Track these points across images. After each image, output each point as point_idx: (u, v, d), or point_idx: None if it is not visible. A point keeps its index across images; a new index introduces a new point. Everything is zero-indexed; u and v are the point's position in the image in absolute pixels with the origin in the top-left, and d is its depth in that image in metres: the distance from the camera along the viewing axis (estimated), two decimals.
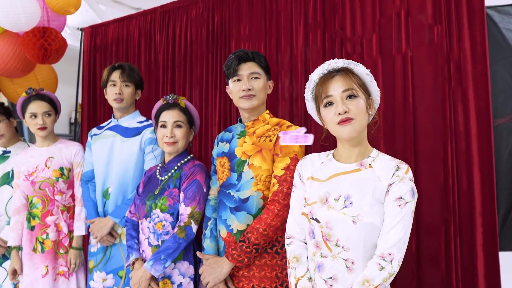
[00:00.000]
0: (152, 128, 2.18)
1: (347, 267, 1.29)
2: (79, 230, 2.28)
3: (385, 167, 1.33)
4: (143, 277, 1.73)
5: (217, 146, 1.91)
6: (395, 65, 2.09)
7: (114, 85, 2.20)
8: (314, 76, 1.42)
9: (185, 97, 2.83)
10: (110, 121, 2.35)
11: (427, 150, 2.01)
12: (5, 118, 2.50)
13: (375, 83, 1.40)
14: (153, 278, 1.74)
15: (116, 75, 2.20)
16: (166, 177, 1.88)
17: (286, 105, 2.43)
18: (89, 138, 2.36)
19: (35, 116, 2.28)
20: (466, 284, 1.88)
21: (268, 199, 1.65)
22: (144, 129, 2.21)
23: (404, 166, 1.32)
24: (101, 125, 2.40)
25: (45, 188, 2.27)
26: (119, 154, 2.19)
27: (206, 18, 2.75)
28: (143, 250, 1.86)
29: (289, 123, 1.73)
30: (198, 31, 2.79)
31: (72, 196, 2.34)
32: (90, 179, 2.29)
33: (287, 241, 1.48)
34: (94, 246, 2.22)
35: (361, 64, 1.38)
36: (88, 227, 2.28)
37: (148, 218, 1.84)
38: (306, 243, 1.44)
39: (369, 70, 1.40)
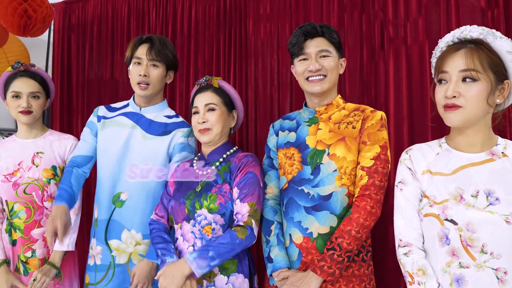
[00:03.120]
0: (186, 129, 1.76)
1: (498, 278, 1.07)
2: (61, 244, 1.78)
3: None
4: (179, 270, 1.35)
5: (276, 136, 1.61)
6: None
7: (139, 63, 1.71)
8: (442, 43, 1.22)
9: (188, 83, 2.49)
10: (127, 104, 1.84)
11: None
12: None
13: None
14: (192, 276, 1.36)
15: (142, 51, 1.70)
16: (209, 171, 1.55)
17: None
18: (93, 118, 1.83)
19: (18, 97, 1.80)
20: None
21: (355, 195, 1.39)
22: (175, 128, 1.75)
23: None
24: (113, 105, 1.88)
25: (31, 192, 1.79)
26: (139, 154, 1.72)
27: None
28: None
29: (371, 108, 1.49)
30: (205, 9, 2.46)
31: None
32: (79, 165, 1.77)
33: (403, 250, 1.22)
34: (91, 258, 1.75)
35: (505, 38, 1.15)
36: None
37: (192, 221, 1.49)
38: (424, 251, 1.21)
39: None
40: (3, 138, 2.02)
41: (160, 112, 1.80)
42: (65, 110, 2.85)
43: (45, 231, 1.80)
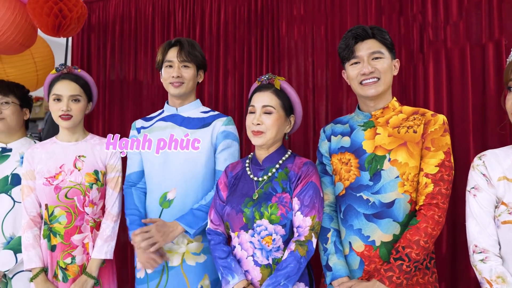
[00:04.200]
0: (225, 119, 1.76)
1: None
2: (99, 251, 1.74)
3: None
4: None
5: (328, 141, 1.58)
6: (486, 54, 1.93)
7: (171, 66, 1.74)
8: None
9: (218, 85, 2.44)
10: (162, 111, 1.86)
11: None
12: (16, 103, 1.90)
13: None
14: None
15: (172, 54, 1.74)
16: (265, 177, 1.51)
17: (354, 96, 2.16)
18: (133, 132, 1.85)
19: (59, 100, 1.75)
20: None
21: (419, 203, 1.37)
22: (213, 120, 1.75)
23: None
24: (149, 116, 1.90)
25: (73, 197, 1.73)
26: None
27: None
28: (246, 271, 1.46)
29: (431, 111, 1.46)
30: (235, 10, 2.41)
31: (103, 208, 1.83)
32: (135, 183, 1.80)
33: (479, 256, 1.21)
34: (140, 270, 1.72)
35: None
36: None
37: (250, 231, 1.45)
38: (501, 258, 1.19)
39: None
40: (35, 142, 1.95)
41: (196, 109, 1.82)
42: (85, 118, 2.77)
43: (85, 237, 1.75)
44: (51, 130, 2.96)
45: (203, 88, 2.46)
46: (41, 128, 5.00)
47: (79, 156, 1.77)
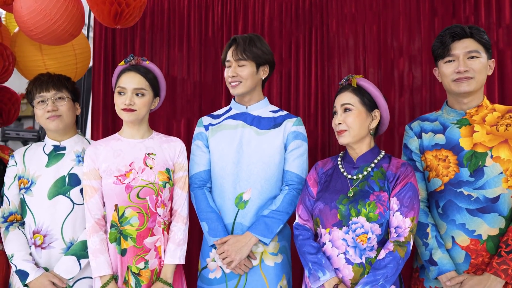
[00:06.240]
0: (295, 119, 1.75)
1: None
2: (173, 256, 1.64)
3: None
4: None
5: (418, 137, 1.60)
6: None
7: (229, 66, 1.72)
8: None
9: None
10: (230, 108, 1.82)
11: None
12: (70, 97, 1.75)
13: None
14: None
15: (229, 53, 1.72)
16: (360, 176, 1.50)
17: (406, 95, 2.19)
18: (200, 129, 1.79)
19: (123, 93, 1.65)
20: None
21: None
22: (283, 120, 1.75)
23: None
24: (215, 113, 1.84)
25: (145, 197, 1.62)
26: (257, 150, 1.69)
27: None
28: (336, 269, 1.45)
29: None
30: (281, 6, 2.37)
31: (170, 210, 1.73)
32: (206, 181, 1.74)
33: None
34: (215, 270, 1.68)
35: None
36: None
37: (344, 228, 1.44)
38: None
39: None
40: (87, 140, 1.82)
41: (265, 108, 1.80)
42: (109, 111, 2.61)
43: (157, 240, 1.65)
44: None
45: None
46: (30, 126, 4.72)
47: (148, 154, 1.67)
